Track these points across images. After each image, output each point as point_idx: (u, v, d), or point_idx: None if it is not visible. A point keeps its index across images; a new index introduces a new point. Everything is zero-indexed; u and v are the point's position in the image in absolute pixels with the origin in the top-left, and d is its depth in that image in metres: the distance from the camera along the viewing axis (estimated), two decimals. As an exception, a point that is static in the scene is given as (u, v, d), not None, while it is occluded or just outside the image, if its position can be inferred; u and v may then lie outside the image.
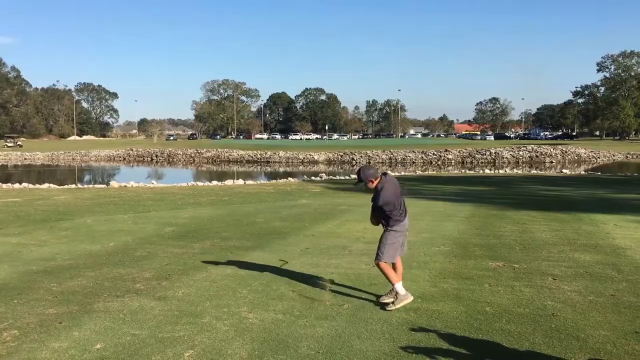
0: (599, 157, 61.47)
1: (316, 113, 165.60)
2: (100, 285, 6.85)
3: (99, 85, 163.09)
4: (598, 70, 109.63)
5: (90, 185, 25.96)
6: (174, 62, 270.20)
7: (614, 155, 63.67)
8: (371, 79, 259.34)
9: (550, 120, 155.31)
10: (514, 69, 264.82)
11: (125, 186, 24.57)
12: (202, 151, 70.78)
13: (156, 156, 70.52)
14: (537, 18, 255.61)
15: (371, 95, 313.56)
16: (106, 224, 12.17)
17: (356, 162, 58.42)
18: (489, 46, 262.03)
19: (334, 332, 5.19)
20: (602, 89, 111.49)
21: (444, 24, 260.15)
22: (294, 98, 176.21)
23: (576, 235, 10.43)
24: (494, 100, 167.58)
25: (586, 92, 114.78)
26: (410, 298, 5.95)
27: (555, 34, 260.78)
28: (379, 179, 5.94)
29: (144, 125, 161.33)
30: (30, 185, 25.25)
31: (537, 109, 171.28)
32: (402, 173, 38.64)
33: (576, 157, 60.69)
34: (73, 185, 26.08)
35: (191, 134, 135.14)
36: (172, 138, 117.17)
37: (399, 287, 5.90)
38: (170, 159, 68.91)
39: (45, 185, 25.16)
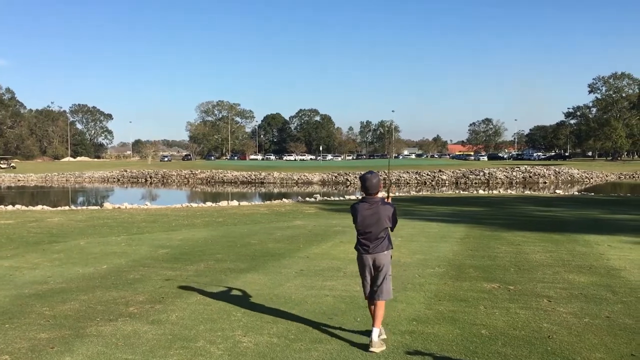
0: (592, 178, 61.80)
1: (310, 134, 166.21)
2: (93, 309, 6.78)
3: (94, 107, 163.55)
4: (590, 92, 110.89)
5: (84, 207, 25.83)
6: (168, 83, 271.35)
7: (606, 176, 64.06)
8: (365, 100, 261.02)
9: (543, 141, 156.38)
10: (507, 90, 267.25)
11: (119, 208, 24.46)
12: (197, 172, 70.69)
13: (150, 177, 70.35)
14: (529, 40, 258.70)
15: (365, 116, 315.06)
16: (99, 246, 12.09)
17: (350, 183, 58.50)
18: (482, 68, 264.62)
19: (329, 356, 5.15)
20: (594, 110, 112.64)
21: (438, 46, 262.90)
22: (288, 119, 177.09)
23: (570, 256, 10.44)
24: (487, 121, 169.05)
25: (578, 113, 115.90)
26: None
27: (547, 55, 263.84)
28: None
29: (138, 146, 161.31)
30: (23, 207, 25.10)
31: (530, 129, 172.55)
32: (397, 193, 38.68)
33: (569, 178, 61.00)
34: (66, 207, 25.96)
35: (185, 155, 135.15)
36: (166, 159, 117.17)
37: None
38: (165, 180, 68.76)
39: (39, 207, 25.02)
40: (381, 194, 5.66)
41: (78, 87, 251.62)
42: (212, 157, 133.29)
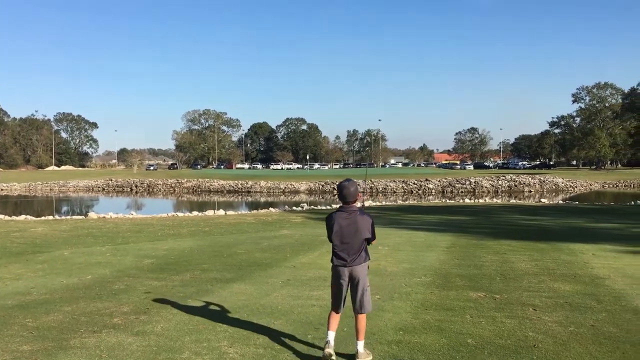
0: (576, 187, 62.42)
1: (297, 143, 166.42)
2: (77, 320, 6.71)
3: (79, 115, 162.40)
4: (573, 101, 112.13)
5: (68, 217, 25.60)
6: (155, 91, 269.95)
7: (590, 185, 64.72)
8: (352, 109, 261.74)
9: (528, 150, 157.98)
10: (493, 99, 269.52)
11: (104, 217, 24.27)
12: (183, 181, 70.37)
13: (136, 186, 69.91)
14: (514, 49, 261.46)
15: (352, 125, 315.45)
16: (84, 257, 11.97)
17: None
18: (468, 77, 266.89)
19: (315, 366, 5.13)
20: (578, 119, 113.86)
21: (424, 55, 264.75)
22: (275, 128, 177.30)
23: (555, 265, 10.52)
24: (473, 130, 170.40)
25: (562, 122, 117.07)
26: None
27: (532, 64, 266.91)
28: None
29: (123, 155, 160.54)
30: (6, 217, 24.80)
31: (515, 138, 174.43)
32: (383, 202, 38.80)
33: (554, 187, 61.54)
34: (50, 217, 25.68)
35: (172, 164, 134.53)
36: (152, 168, 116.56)
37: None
38: (150, 189, 68.34)
39: (22, 217, 24.74)
40: (358, 204, 5.52)
41: (63, 96, 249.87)
42: (199, 166, 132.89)
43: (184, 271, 10.04)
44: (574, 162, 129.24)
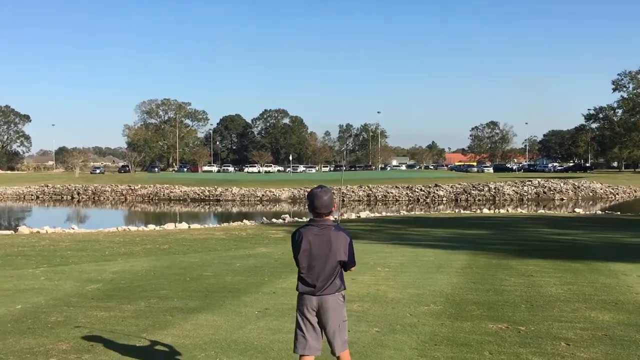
0: (617, 193, 63.01)
1: (278, 140, 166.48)
2: (4, 361, 6.65)
3: (7, 106, 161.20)
4: (614, 90, 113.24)
5: (-6, 231, 25.36)
6: (101, 78, 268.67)
7: (635, 191, 65.35)
8: (345, 99, 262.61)
9: (559, 149, 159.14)
10: (516, 88, 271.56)
11: (39, 232, 24.06)
12: (137, 187, 70.11)
13: (78, 194, 69.50)
14: (540, 28, 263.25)
15: (345, 118, 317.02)
16: (12, 281, 11.87)
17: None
18: (485, 60, 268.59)
19: (299, 416, 5.12)
20: (620, 111, 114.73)
21: (432, 34, 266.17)
22: (250, 122, 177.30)
23: (593, 289, 10.59)
24: (493, 124, 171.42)
25: (601, 115, 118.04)
26: None
27: (563, 46, 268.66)
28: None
29: (63, 155, 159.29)
30: None
31: (544, 135, 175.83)
32: (383, 213, 38.88)
33: (591, 194, 62.08)
34: (-29, 232, 25.45)
35: (123, 166, 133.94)
36: (98, 171, 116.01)
37: None
38: (96, 197, 67.96)
39: None
40: (333, 217, 5.36)
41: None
42: (156, 169, 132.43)
43: (137, 299, 9.97)
44: (615, 164, 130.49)
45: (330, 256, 5.07)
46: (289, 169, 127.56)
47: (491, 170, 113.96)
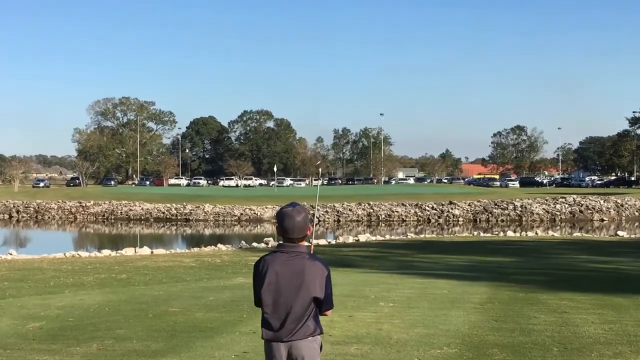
0: (669, 213, 63.14)
1: (260, 147, 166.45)
2: None
3: None
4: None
5: None
6: (46, 71, 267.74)
7: (691, 210, 65.46)
8: (341, 98, 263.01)
9: (598, 160, 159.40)
10: (546, 87, 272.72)
11: (-31, 258, 23.94)
12: (88, 204, 69.90)
13: (18, 212, 69.22)
14: (575, 23, 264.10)
15: (341, 121, 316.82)
16: (-63, 318, 11.80)
17: (320, 220, 58.60)
18: (509, 55, 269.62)
19: None
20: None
21: (446, 24, 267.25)
22: (227, 125, 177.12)
23: (639, 329, 10.61)
24: (519, 130, 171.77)
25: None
26: None
27: (603, 41, 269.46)
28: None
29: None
30: None
31: (580, 142, 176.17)
32: (387, 236, 38.88)
33: (637, 213, 62.21)
34: None
35: (72, 179, 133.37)
36: (42, 184, 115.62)
37: None
38: (40, 216, 67.70)
39: None
40: (306, 243, 5.17)
41: None
42: (113, 182, 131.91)
43: (88, 340, 9.93)
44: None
45: (301, 291, 4.86)
46: (273, 182, 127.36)
47: (517, 184, 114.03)
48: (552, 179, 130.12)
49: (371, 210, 62.95)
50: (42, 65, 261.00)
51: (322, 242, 32.13)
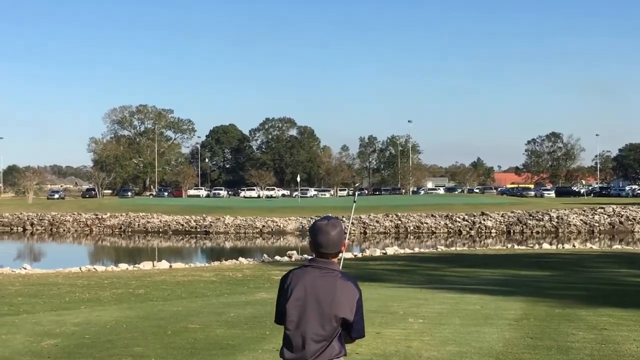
0: None
1: (282, 156, 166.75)
2: None
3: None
4: None
5: None
6: (60, 79, 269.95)
7: None
8: (367, 105, 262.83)
9: (639, 168, 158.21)
10: (583, 91, 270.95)
11: (-18, 273, 24.16)
12: (105, 216, 70.31)
13: (32, 224, 69.76)
14: (614, 27, 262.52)
15: (367, 129, 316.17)
16: (-51, 335, 11.91)
17: (346, 233, 58.30)
18: (544, 60, 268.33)
19: None
20: None
21: (479, 28, 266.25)
22: (248, 133, 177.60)
23: (684, 346, 10.51)
24: (554, 137, 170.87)
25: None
26: None
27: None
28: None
29: (13, 176, 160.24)
30: None
31: (620, 150, 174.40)
32: (416, 249, 38.77)
33: (680, 224, 61.56)
34: None
35: (88, 190, 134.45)
36: (57, 196, 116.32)
37: None
38: (55, 229, 68.19)
39: None
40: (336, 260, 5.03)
41: None
42: (130, 193, 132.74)
43: (105, 358, 9.98)
44: None
45: (330, 311, 4.75)
46: (296, 193, 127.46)
47: (553, 194, 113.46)
48: (590, 188, 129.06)
49: (399, 222, 62.83)
50: (57, 74, 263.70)
51: (348, 255, 32.08)
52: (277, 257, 32.66)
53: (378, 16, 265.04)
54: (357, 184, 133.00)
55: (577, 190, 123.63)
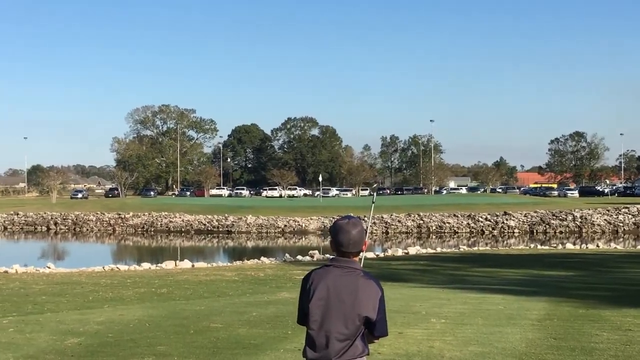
0: None
1: (304, 156, 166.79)
2: None
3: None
4: None
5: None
6: (83, 80, 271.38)
7: None
8: (389, 104, 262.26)
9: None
10: (607, 90, 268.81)
11: (6, 272, 24.34)
12: (127, 216, 70.65)
13: (56, 224, 70.24)
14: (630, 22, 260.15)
15: (389, 128, 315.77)
16: (-26, 333, 12.01)
17: (368, 233, 58.32)
18: (567, 59, 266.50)
19: None
20: None
21: (501, 28, 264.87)
22: (269, 133, 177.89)
23: None
24: (578, 136, 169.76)
25: None
26: None
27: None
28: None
29: (37, 175, 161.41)
30: None
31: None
32: (438, 249, 38.66)
33: None
34: None
35: (111, 189, 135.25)
36: (80, 195, 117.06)
37: None
38: (78, 229, 68.60)
39: None
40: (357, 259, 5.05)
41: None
42: (152, 193, 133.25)
43: (128, 356, 10.02)
44: None
45: (354, 310, 4.77)
46: (318, 192, 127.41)
47: (576, 194, 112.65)
48: (614, 187, 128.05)
49: (421, 222, 62.69)
50: (80, 74, 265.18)
51: (370, 254, 32.05)
52: (299, 257, 32.69)
53: (406, 17, 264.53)
54: (375, 185, 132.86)
55: (600, 190, 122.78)
